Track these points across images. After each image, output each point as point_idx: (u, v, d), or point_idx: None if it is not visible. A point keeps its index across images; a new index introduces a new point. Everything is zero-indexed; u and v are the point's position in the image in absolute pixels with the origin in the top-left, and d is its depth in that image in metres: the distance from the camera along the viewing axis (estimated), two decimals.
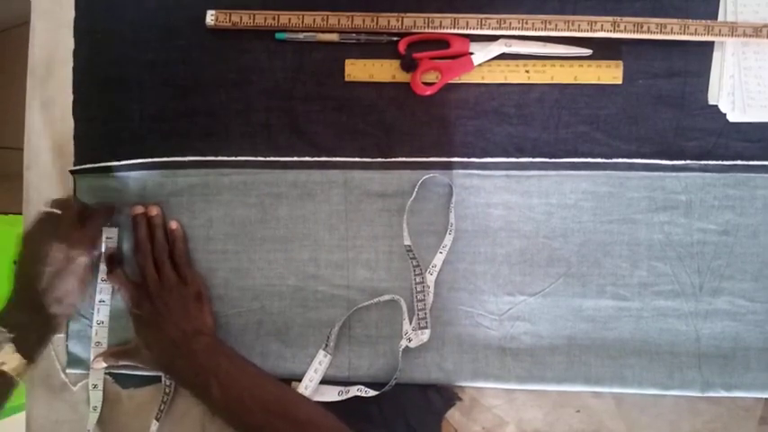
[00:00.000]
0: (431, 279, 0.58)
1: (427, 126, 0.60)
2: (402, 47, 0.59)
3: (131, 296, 0.57)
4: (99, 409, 0.59)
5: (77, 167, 0.61)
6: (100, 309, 0.60)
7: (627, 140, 0.60)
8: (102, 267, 0.60)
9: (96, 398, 0.59)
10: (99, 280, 0.60)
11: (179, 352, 0.54)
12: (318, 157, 0.60)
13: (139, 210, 0.59)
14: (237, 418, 0.52)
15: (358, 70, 0.60)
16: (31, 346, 0.51)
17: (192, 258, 0.60)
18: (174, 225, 0.59)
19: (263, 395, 0.53)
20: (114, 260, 0.60)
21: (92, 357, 0.59)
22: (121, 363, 0.58)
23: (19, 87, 0.62)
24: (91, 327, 0.60)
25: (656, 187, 0.59)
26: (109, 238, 0.60)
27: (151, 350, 0.55)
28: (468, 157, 0.60)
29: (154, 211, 0.59)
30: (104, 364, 0.59)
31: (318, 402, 0.58)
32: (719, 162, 0.59)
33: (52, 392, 0.60)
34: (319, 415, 0.52)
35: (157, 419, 0.58)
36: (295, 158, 0.60)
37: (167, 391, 0.58)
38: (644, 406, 0.59)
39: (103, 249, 0.60)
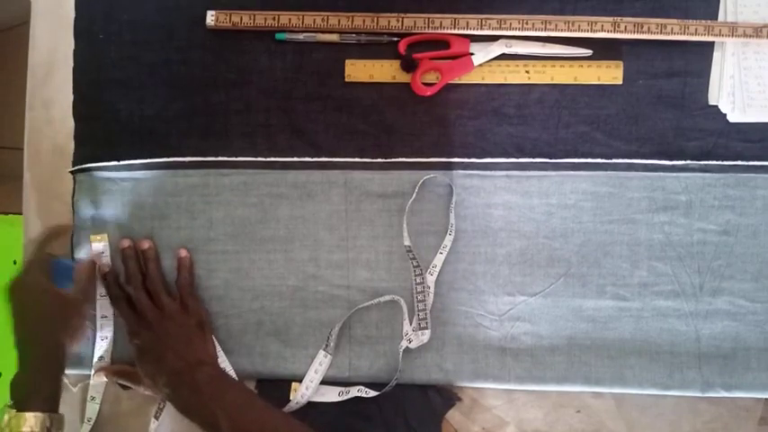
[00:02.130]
0: (431, 279, 0.58)
1: (427, 126, 0.60)
2: (402, 47, 0.59)
3: (130, 325, 0.56)
4: (93, 422, 0.59)
5: (77, 167, 0.61)
6: (103, 325, 0.59)
7: (627, 140, 0.60)
8: (99, 286, 0.59)
9: (92, 410, 0.59)
10: (98, 296, 0.59)
11: (182, 382, 0.53)
12: (318, 157, 0.60)
13: (126, 243, 0.59)
14: None
15: (358, 70, 0.60)
16: (47, 399, 0.51)
17: (193, 260, 0.60)
18: (183, 253, 0.59)
19: (270, 427, 0.52)
20: (110, 279, 0.59)
21: (93, 371, 0.59)
22: (122, 381, 0.58)
23: (19, 87, 0.62)
24: (91, 328, 0.60)
25: (657, 187, 0.59)
26: (102, 252, 0.59)
27: (153, 380, 0.54)
28: (469, 158, 0.60)
29: (145, 245, 0.59)
30: (104, 379, 0.58)
31: (319, 403, 0.58)
32: (719, 162, 0.59)
33: None
34: None
35: (156, 417, 0.58)
36: (295, 159, 0.60)
37: None
38: (644, 406, 0.59)
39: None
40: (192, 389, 0.52)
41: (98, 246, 0.59)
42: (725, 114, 0.60)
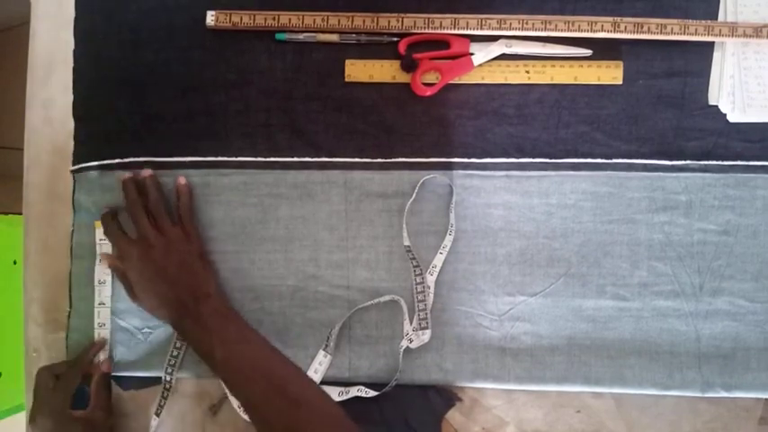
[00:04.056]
0: (431, 279, 0.58)
1: (427, 126, 0.60)
2: (402, 47, 0.59)
3: (128, 254, 0.56)
4: None
5: (77, 166, 0.61)
6: (100, 312, 0.60)
7: (627, 140, 0.60)
8: (98, 269, 0.60)
9: None
10: (97, 282, 0.60)
11: (187, 313, 0.54)
12: (318, 157, 0.60)
13: (126, 175, 0.58)
14: (236, 384, 0.52)
15: (358, 71, 0.60)
16: None
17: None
18: (182, 180, 0.59)
19: (264, 367, 0.52)
20: (107, 216, 0.59)
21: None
22: (121, 280, 0.58)
23: (19, 87, 0.62)
24: (92, 328, 0.60)
25: (657, 187, 0.59)
26: (102, 239, 0.60)
27: (155, 306, 0.55)
28: (469, 158, 0.60)
29: (146, 173, 0.58)
30: (107, 266, 0.59)
31: None
32: (719, 162, 0.59)
33: None
34: (316, 395, 0.51)
35: (157, 415, 0.58)
36: (295, 159, 0.60)
37: (167, 386, 0.59)
38: (644, 406, 0.59)
39: (98, 251, 0.60)
40: (195, 320, 0.53)
41: (102, 232, 0.59)
42: (725, 114, 0.59)
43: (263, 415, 0.50)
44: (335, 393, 0.58)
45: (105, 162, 0.60)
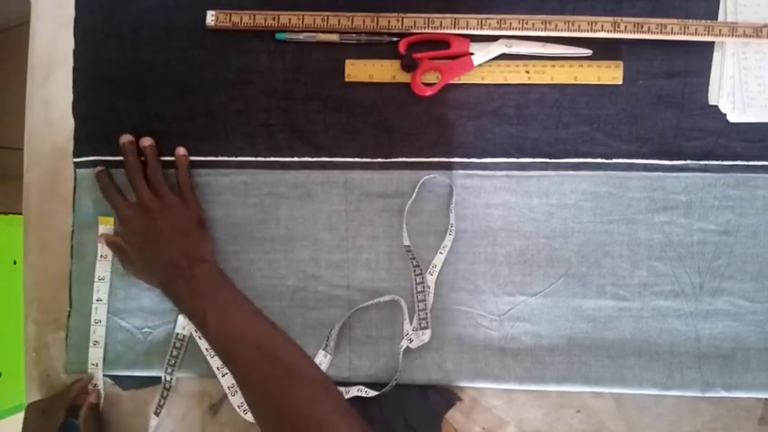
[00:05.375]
0: (431, 279, 0.59)
1: (427, 126, 0.60)
2: (402, 47, 0.59)
3: (127, 214, 0.56)
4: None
5: (80, 159, 0.61)
6: (97, 308, 0.60)
7: (627, 140, 0.60)
8: (98, 266, 0.60)
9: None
10: (96, 279, 0.60)
11: (180, 274, 0.53)
12: (318, 157, 0.60)
13: (127, 138, 0.58)
14: (227, 350, 0.51)
15: (358, 70, 0.60)
16: None
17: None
18: (181, 151, 0.59)
19: (255, 332, 0.52)
20: (104, 179, 0.59)
21: (90, 359, 0.59)
22: (117, 252, 0.58)
23: (19, 87, 0.62)
24: (89, 327, 0.60)
25: (657, 187, 0.59)
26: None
27: (150, 268, 0.55)
28: (469, 158, 0.60)
29: (146, 141, 0.58)
30: (105, 247, 0.59)
31: None
32: (719, 162, 0.59)
33: (52, 392, 0.60)
34: (305, 363, 0.51)
35: (157, 414, 0.58)
36: (295, 159, 0.60)
37: (167, 386, 0.59)
38: (644, 406, 0.59)
39: (99, 248, 0.60)
40: (188, 282, 0.53)
41: (105, 228, 0.60)
42: (725, 114, 0.59)
43: (253, 381, 0.50)
44: None
45: (109, 158, 0.60)
